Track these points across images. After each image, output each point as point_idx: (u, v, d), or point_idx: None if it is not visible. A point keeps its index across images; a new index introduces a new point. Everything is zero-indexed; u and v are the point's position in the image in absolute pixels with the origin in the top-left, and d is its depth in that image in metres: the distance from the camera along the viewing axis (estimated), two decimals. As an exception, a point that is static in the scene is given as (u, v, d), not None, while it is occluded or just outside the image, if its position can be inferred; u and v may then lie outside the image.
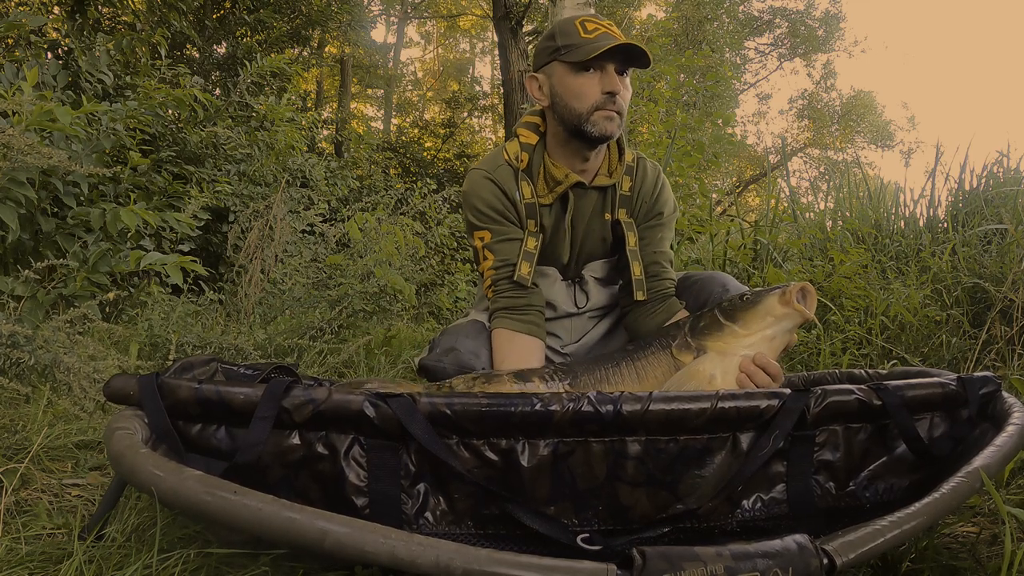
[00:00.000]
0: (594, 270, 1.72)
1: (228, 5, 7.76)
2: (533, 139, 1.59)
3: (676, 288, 1.68)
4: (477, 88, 20.98)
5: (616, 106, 1.46)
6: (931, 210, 3.67)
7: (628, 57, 1.45)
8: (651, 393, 1.10)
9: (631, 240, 1.61)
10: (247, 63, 4.90)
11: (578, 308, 1.73)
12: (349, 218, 3.95)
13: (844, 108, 20.51)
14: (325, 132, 8.68)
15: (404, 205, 5.30)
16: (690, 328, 1.34)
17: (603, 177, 1.61)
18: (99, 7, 5.48)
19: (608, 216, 1.64)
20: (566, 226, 1.61)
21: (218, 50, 7.62)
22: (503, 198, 1.57)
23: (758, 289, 1.33)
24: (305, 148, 5.36)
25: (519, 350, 1.55)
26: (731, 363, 1.28)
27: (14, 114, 2.22)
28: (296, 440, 1.08)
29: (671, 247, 1.72)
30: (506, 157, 1.59)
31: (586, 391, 1.23)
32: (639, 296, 1.61)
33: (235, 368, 1.45)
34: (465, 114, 17.95)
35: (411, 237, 3.76)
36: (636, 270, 1.61)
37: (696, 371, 1.29)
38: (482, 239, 1.59)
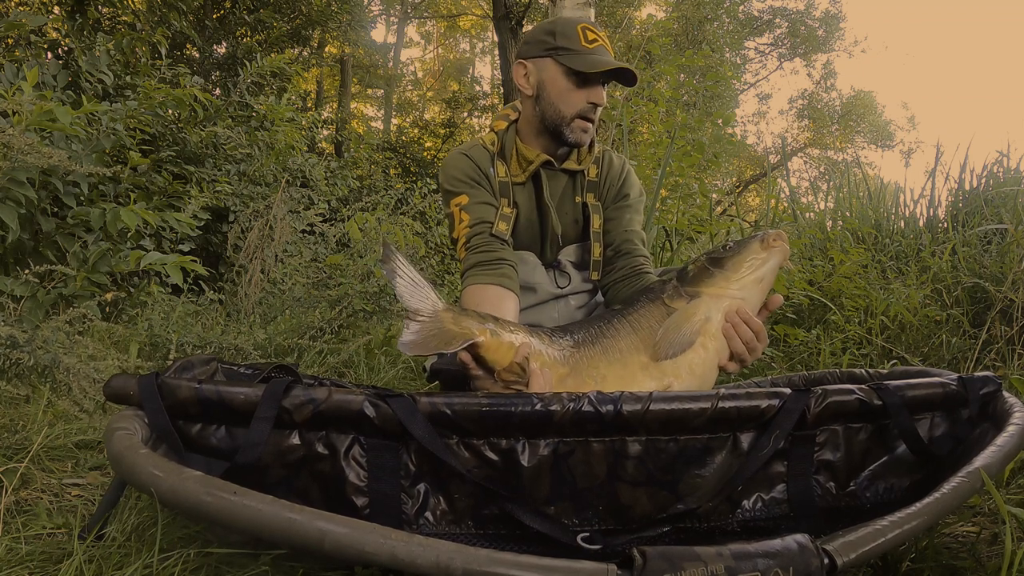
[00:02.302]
0: (568, 254, 1.79)
1: (228, 5, 7.76)
2: (504, 125, 1.71)
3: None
4: (477, 88, 20.97)
5: (594, 120, 1.60)
6: (931, 210, 3.67)
7: (619, 76, 1.57)
8: (651, 393, 1.10)
9: (595, 222, 1.72)
10: (247, 63, 4.89)
11: (560, 288, 1.77)
12: (349, 218, 3.94)
13: (844, 108, 20.50)
14: (325, 132, 8.67)
15: (404, 205, 5.30)
16: (679, 279, 1.37)
17: (571, 163, 1.71)
18: (99, 7, 5.47)
19: (578, 199, 1.74)
20: (546, 200, 1.68)
21: (218, 50, 7.62)
22: (478, 171, 1.66)
23: (736, 239, 1.39)
24: (305, 148, 5.35)
25: (491, 299, 1.53)
26: (724, 306, 1.32)
27: (14, 114, 2.21)
28: (296, 440, 1.08)
29: (642, 229, 1.81)
30: (481, 143, 1.71)
31: (584, 349, 1.30)
32: (594, 275, 1.73)
33: (235, 368, 1.45)
34: (465, 114, 17.93)
35: (411, 237, 3.76)
36: (596, 251, 1.72)
37: (691, 312, 1.31)
38: (459, 204, 1.65)
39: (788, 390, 1.14)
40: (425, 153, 13.05)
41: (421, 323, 1.24)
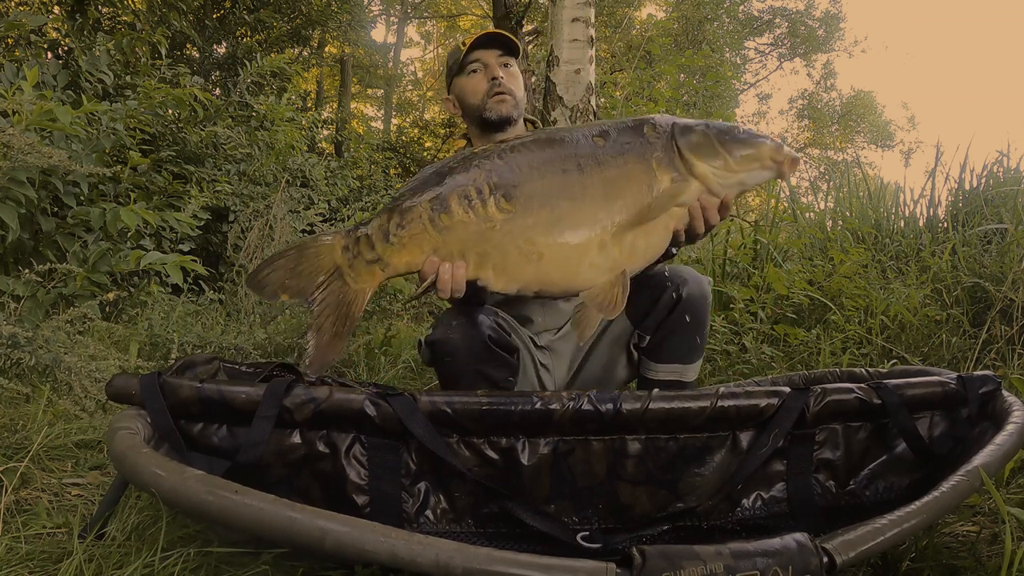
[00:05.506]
0: None
1: (228, 5, 7.76)
2: (463, 143, 1.86)
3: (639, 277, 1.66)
4: (477, 88, 20.90)
5: (503, 88, 1.68)
6: (931, 210, 3.67)
7: (502, 48, 1.69)
8: (651, 392, 1.10)
9: None
10: (247, 63, 4.89)
11: None
12: (349, 218, 3.94)
13: (844, 108, 20.51)
14: (325, 132, 8.67)
15: (404, 205, 5.26)
16: (680, 138, 1.20)
17: None
18: (99, 7, 5.47)
19: None
20: None
21: (218, 50, 7.62)
22: None
23: (744, 128, 1.23)
24: (305, 148, 5.35)
25: None
26: (702, 194, 1.19)
27: (14, 114, 2.22)
28: (297, 439, 1.08)
29: None
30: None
31: (529, 208, 1.12)
32: None
33: (238, 367, 1.45)
34: (465, 114, 17.88)
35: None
36: None
37: (677, 193, 1.16)
38: None
39: (787, 389, 1.14)
40: (425, 153, 13.04)
41: (280, 259, 1.14)
